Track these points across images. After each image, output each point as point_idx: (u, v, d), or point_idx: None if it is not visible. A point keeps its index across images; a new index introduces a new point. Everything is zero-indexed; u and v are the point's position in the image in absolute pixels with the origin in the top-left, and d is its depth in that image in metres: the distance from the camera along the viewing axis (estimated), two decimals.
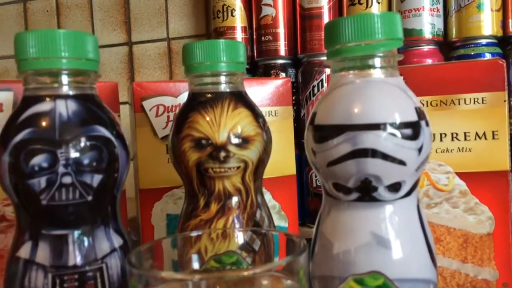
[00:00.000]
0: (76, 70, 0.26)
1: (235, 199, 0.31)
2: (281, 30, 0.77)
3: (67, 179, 0.24)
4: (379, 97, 0.25)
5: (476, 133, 0.42)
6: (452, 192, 0.43)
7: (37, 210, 0.25)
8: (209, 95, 0.31)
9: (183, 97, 0.44)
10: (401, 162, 0.25)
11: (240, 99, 0.31)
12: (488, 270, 0.42)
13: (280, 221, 0.47)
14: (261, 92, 0.46)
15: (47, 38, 0.25)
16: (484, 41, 0.69)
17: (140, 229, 0.44)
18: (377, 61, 0.26)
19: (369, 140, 0.25)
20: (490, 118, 0.42)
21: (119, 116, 0.45)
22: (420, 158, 0.26)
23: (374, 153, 0.25)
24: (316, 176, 0.76)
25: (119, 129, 0.27)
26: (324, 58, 0.75)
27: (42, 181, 0.24)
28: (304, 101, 0.76)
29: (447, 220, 0.43)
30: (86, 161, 0.25)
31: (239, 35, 0.79)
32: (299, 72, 0.77)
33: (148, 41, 0.91)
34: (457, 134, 0.43)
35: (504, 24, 0.69)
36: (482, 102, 0.42)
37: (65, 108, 0.25)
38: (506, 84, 0.42)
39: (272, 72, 0.77)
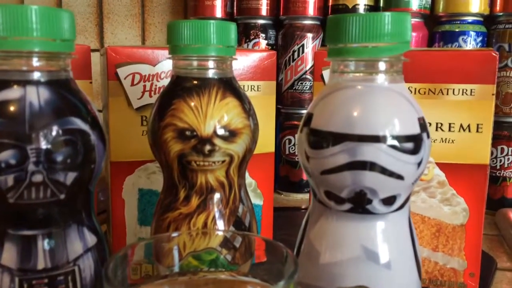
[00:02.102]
0: (49, 53, 0.23)
1: (217, 194, 0.29)
2: None
3: (38, 178, 0.22)
4: (382, 106, 0.24)
5: (461, 125, 0.42)
6: (430, 182, 0.43)
7: (3, 209, 0.22)
8: (195, 81, 0.29)
9: (161, 66, 0.41)
10: (399, 177, 0.24)
11: (229, 87, 0.29)
12: (457, 260, 0.43)
13: (255, 199, 0.46)
14: (243, 63, 0.44)
15: (17, 15, 0.22)
16: (470, 19, 0.68)
17: (110, 203, 0.42)
18: (382, 66, 0.24)
19: (368, 152, 0.23)
20: (476, 110, 0.41)
21: (90, 83, 0.41)
22: (418, 171, 0.24)
23: (372, 166, 0.23)
24: (289, 143, 0.75)
25: (95, 117, 0.25)
26: (307, 22, 0.73)
27: (9, 179, 0.22)
28: (283, 65, 0.73)
29: (423, 209, 0.43)
30: (59, 158, 0.22)
31: None
32: (279, 34, 0.74)
33: None
34: (442, 124, 0.42)
35: (492, 2, 0.67)
36: (471, 94, 0.41)
37: (36, 96, 0.22)
38: (496, 77, 0.41)
39: (251, 32, 0.74)
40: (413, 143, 0.24)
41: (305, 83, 0.73)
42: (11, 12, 0.22)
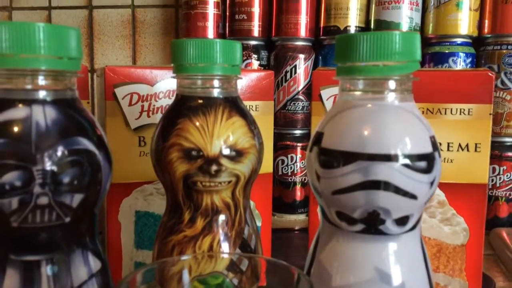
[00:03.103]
0: (56, 71, 0.22)
1: (223, 215, 0.28)
2: (256, 10, 0.73)
3: (43, 200, 0.21)
4: (394, 125, 0.24)
5: (459, 145, 0.42)
6: (430, 202, 0.43)
7: (6, 233, 0.21)
8: (200, 100, 0.28)
9: (160, 86, 0.41)
10: (413, 196, 0.23)
11: (235, 106, 0.29)
12: (458, 281, 0.43)
13: None
14: (241, 83, 0.44)
15: (24, 32, 0.21)
16: (459, 40, 0.69)
17: (106, 226, 0.41)
18: (393, 84, 0.24)
19: (382, 171, 0.23)
20: (474, 130, 0.42)
21: (88, 103, 0.41)
22: (431, 191, 0.24)
23: (386, 185, 0.23)
24: (282, 164, 0.74)
25: (102, 137, 0.24)
26: (299, 43, 0.73)
27: (13, 202, 0.21)
28: (275, 86, 0.73)
29: (423, 230, 0.43)
30: (66, 180, 0.21)
31: (211, 11, 0.74)
32: (271, 55, 0.75)
33: (111, 7, 0.85)
34: (440, 144, 0.42)
35: (480, 25, 0.69)
36: (468, 114, 0.42)
37: (42, 116, 0.21)
38: (492, 97, 0.42)
39: (244, 53, 0.74)
40: (426, 162, 0.23)
41: (298, 104, 0.73)
42: (18, 29, 0.21)
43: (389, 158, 0.23)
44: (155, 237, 0.42)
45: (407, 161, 0.23)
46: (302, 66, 0.72)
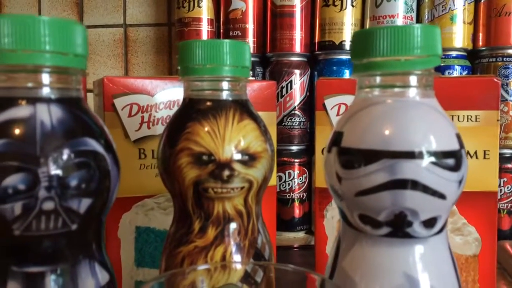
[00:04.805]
0: (61, 68, 0.21)
1: (235, 224, 0.27)
2: (250, 26, 0.73)
3: (49, 205, 0.19)
4: (420, 121, 0.22)
5: (468, 152, 0.41)
6: None
7: (7, 242, 0.20)
8: (210, 103, 0.27)
9: (160, 97, 0.39)
10: (442, 196, 0.22)
11: (245, 109, 0.28)
12: None
13: None
14: None
15: (27, 26, 0.20)
16: (454, 53, 0.69)
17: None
18: (414, 80, 0.23)
19: (410, 170, 0.22)
20: (482, 137, 0.41)
21: None
22: (459, 191, 0.23)
23: (414, 184, 0.22)
24: (280, 180, 0.73)
25: (109, 140, 0.23)
26: (294, 58, 0.73)
27: (16, 207, 0.19)
28: None
29: None
30: (74, 183, 0.20)
31: (205, 28, 0.74)
32: (267, 71, 0.74)
33: (103, 26, 0.84)
34: None
35: (474, 38, 0.69)
36: (476, 120, 0.41)
37: (48, 115, 0.20)
38: (499, 103, 0.41)
39: None
40: (454, 159, 0.22)
41: (295, 119, 0.72)
42: (21, 23, 0.20)
43: (416, 155, 0.22)
44: (156, 254, 0.40)
45: (435, 158, 0.22)
46: (298, 81, 0.72)
